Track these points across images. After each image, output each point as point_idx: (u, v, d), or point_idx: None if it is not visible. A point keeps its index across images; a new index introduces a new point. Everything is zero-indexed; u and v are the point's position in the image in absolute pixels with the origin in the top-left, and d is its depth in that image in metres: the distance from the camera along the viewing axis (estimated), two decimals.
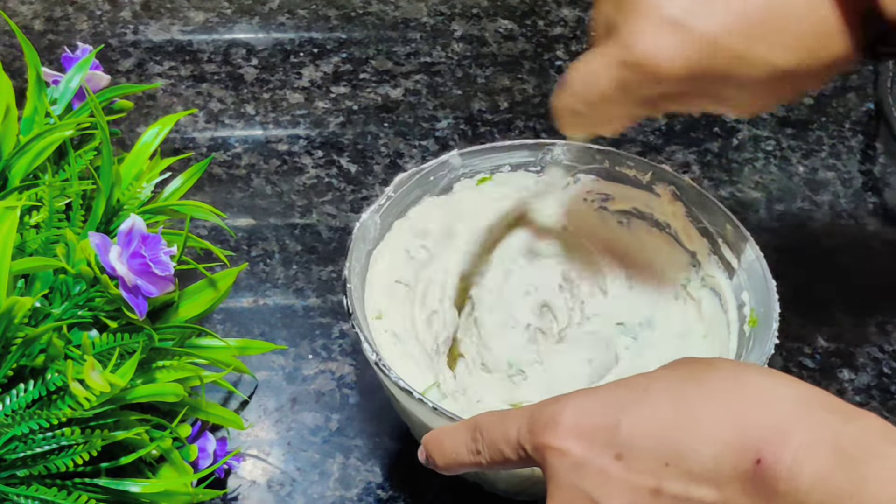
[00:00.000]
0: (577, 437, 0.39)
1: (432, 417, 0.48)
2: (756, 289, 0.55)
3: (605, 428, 0.39)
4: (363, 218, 0.56)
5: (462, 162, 0.60)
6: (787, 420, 0.35)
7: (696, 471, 0.36)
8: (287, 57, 0.82)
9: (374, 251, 0.57)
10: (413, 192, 0.59)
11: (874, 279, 0.69)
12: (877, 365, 0.64)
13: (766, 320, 0.53)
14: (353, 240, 0.54)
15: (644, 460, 0.37)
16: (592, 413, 0.39)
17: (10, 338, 0.45)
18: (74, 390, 0.44)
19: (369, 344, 0.50)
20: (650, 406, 0.38)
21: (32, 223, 0.51)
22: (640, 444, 0.38)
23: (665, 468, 0.37)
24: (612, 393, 0.40)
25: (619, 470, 0.38)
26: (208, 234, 0.68)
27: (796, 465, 0.34)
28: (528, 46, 0.84)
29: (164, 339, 0.51)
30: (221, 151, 0.74)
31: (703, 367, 0.39)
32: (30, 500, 0.46)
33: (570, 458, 0.39)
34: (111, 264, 0.46)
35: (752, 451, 0.35)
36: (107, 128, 0.53)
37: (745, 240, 0.56)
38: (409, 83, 0.80)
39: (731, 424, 0.36)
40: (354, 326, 0.51)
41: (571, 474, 0.39)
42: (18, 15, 0.83)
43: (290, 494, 0.56)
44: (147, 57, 0.81)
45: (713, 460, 0.36)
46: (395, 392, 0.50)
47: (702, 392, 0.38)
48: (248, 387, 0.61)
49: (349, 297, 0.52)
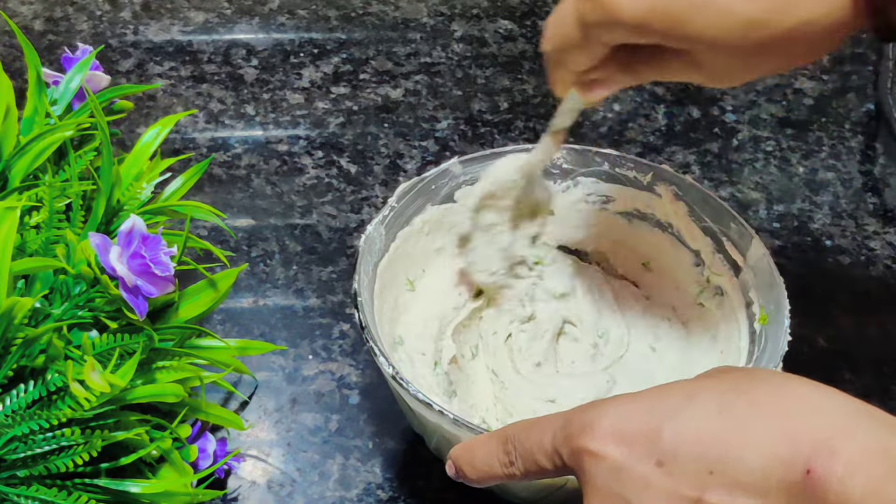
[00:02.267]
0: (618, 441, 0.38)
1: (453, 429, 0.48)
2: (764, 286, 0.55)
3: (647, 433, 0.38)
4: (368, 230, 0.56)
5: (462, 169, 0.60)
6: (836, 431, 0.35)
7: (742, 480, 0.36)
8: (287, 57, 0.82)
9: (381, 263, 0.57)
10: (416, 201, 0.58)
11: (874, 279, 0.69)
12: (877, 365, 0.64)
13: (776, 317, 0.53)
14: (360, 253, 0.54)
15: (687, 468, 0.37)
16: (633, 418, 0.38)
17: (10, 338, 0.45)
18: (74, 391, 0.44)
19: (384, 358, 0.50)
20: (695, 414, 0.37)
21: (32, 224, 0.51)
22: (684, 451, 0.37)
23: (709, 476, 0.36)
24: (653, 399, 0.39)
25: (659, 477, 0.37)
26: (208, 234, 0.68)
27: (847, 476, 0.34)
28: (527, 47, 0.84)
29: (165, 340, 0.51)
30: (221, 152, 0.74)
31: (746, 377, 0.39)
32: (30, 500, 0.46)
33: (609, 463, 0.38)
34: (111, 265, 0.46)
35: (802, 462, 0.34)
36: (107, 128, 0.53)
37: (750, 237, 0.56)
38: (409, 84, 0.80)
39: (779, 434, 0.35)
40: (368, 340, 0.51)
41: (610, 479, 0.38)
42: (18, 15, 0.83)
43: (290, 495, 0.56)
44: (147, 57, 0.81)
45: (761, 470, 0.35)
46: (413, 405, 0.50)
47: (748, 401, 0.37)
48: (248, 387, 0.61)
49: (361, 311, 0.52)
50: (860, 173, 0.76)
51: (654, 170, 0.60)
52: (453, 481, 0.56)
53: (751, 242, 0.56)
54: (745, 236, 0.56)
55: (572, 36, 0.47)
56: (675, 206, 0.59)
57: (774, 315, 0.53)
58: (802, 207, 0.73)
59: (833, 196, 0.74)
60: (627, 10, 0.44)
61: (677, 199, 0.59)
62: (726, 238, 0.58)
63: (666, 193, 0.60)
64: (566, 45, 0.48)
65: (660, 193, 0.60)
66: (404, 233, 0.58)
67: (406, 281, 0.60)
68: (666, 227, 0.61)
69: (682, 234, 0.60)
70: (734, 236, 0.57)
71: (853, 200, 0.74)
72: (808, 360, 0.63)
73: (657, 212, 0.60)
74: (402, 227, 0.58)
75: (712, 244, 0.58)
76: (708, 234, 0.59)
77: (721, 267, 0.58)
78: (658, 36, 0.45)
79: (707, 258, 0.59)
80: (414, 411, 0.51)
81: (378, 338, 0.51)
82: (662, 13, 0.43)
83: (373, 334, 0.51)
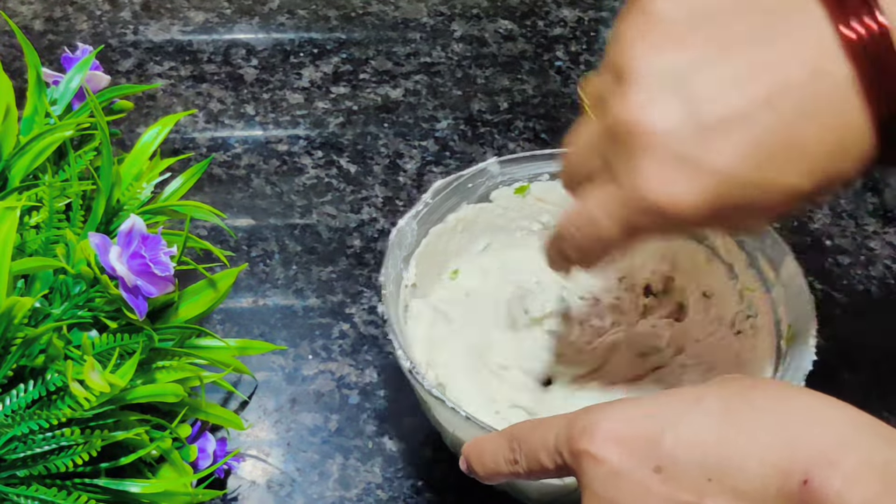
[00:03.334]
0: (617, 445, 0.38)
1: (465, 426, 0.48)
2: (794, 304, 0.54)
3: (647, 438, 0.37)
4: (400, 224, 0.56)
5: (500, 170, 0.59)
6: (836, 442, 0.35)
7: (740, 488, 0.35)
8: (287, 57, 0.82)
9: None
10: (451, 198, 0.58)
11: (873, 279, 0.69)
12: (876, 365, 0.64)
13: (803, 336, 0.52)
14: (389, 246, 0.54)
15: (686, 475, 0.36)
16: (634, 422, 0.38)
17: (10, 338, 0.45)
18: (74, 390, 0.44)
19: (403, 351, 0.50)
20: (696, 421, 0.37)
21: (32, 223, 0.51)
22: (683, 457, 0.36)
23: (708, 484, 0.36)
24: (657, 404, 0.39)
25: (657, 483, 0.37)
26: (208, 234, 0.68)
27: (845, 488, 0.33)
28: (527, 47, 0.84)
29: (164, 340, 0.51)
30: (221, 152, 0.74)
31: (750, 386, 0.38)
32: (30, 500, 0.46)
33: (608, 467, 0.38)
34: (111, 265, 0.46)
35: (800, 472, 0.34)
36: (107, 128, 0.53)
37: (784, 254, 0.55)
38: (409, 83, 0.80)
39: (779, 444, 0.35)
40: (388, 333, 0.51)
41: (607, 484, 0.38)
42: (18, 15, 0.83)
43: (290, 495, 0.56)
44: (147, 57, 0.81)
45: (759, 478, 0.35)
46: (428, 400, 0.50)
47: (751, 410, 0.37)
48: (248, 387, 0.61)
49: (385, 304, 0.52)
50: None
51: None
52: (453, 482, 0.56)
53: (785, 259, 0.55)
54: (781, 252, 0.55)
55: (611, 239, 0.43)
56: None
57: (802, 334, 0.52)
58: (802, 207, 0.73)
59: (833, 196, 0.74)
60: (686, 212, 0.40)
61: None
62: (760, 253, 0.56)
63: None
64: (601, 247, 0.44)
65: None
66: (437, 229, 0.58)
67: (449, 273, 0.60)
68: (702, 240, 0.59)
69: (718, 247, 0.59)
70: (769, 251, 0.56)
71: (853, 200, 0.74)
72: None
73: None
74: (435, 223, 0.58)
75: (746, 258, 0.57)
76: (742, 249, 0.58)
77: (754, 282, 0.57)
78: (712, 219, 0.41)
79: (741, 271, 0.58)
80: (429, 406, 0.51)
81: (399, 332, 0.52)
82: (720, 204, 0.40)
83: (394, 328, 0.51)
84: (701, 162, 0.39)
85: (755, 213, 0.41)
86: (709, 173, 0.39)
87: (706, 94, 0.39)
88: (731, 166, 0.39)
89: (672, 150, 0.39)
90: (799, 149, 0.39)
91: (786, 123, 0.39)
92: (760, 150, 0.39)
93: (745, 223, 0.44)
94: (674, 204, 0.40)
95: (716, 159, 0.39)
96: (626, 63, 0.41)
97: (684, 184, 0.40)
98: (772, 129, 0.39)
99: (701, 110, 0.39)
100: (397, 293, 0.55)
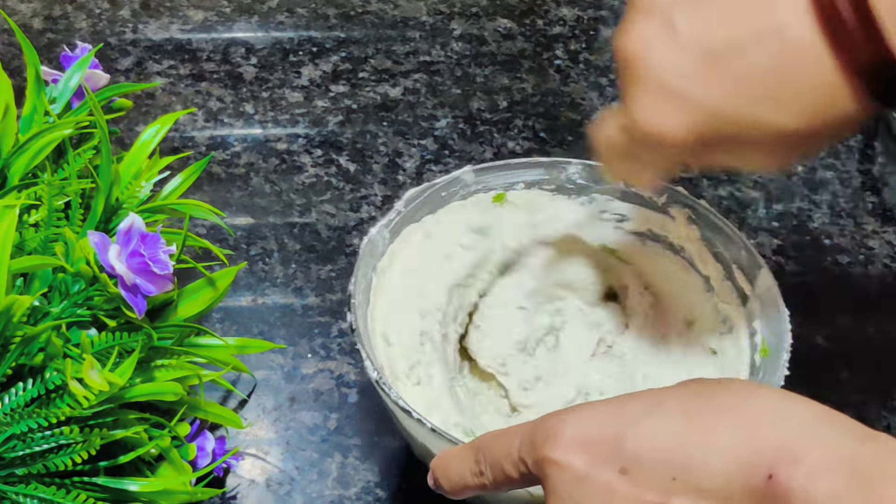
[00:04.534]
0: (580, 449, 0.38)
1: (431, 438, 0.48)
2: (769, 317, 0.54)
3: (610, 440, 0.37)
4: (371, 233, 0.55)
5: (475, 178, 0.59)
6: (800, 438, 0.34)
7: (705, 486, 0.35)
8: (286, 56, 0.82)
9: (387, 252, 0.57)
10: (424, 207, 0.57)
11: (872, 278, 0.69)
12: (875, 364, 0.64)
13: (776, 351, 0.52)
14: (360, 255, 0.54)
15: (651, 474, 0.36)
16: (597, 424, 0.38)
17: (9, 336, 0.45)
18: (73, 389, 0.44)
19: (370, 361, 0.50)
20: (659, 420, 0.37)
21: (31, 222, 0.51)
22: (647, 457, 0.36)
23: (672, 483, 0.36)
24: (618, 405, 0.39)
25: (623, 484, 0.36)
26: (207, 232, 0.68)
27: (810, 483, 0.33)
28: (527, 45, 0.84)
29: (163, 338, 0.51)
30: (220, 150, 0.74)
31: (715, 385, 0.38)
32: (29, 498, 0.46)
33: (572, 472, 0.37)
34: (110, 263, 0.46)
35: (764, 468, 0.34)
36: (106, 127, 0.53)
37: (759, 266, 0.55)
38: (409, 82, 0.80)
39: (743, 440, 0.35)
40: (357, 343, 0.50)
41: (573, 489, 0.37)
42: (17, 13, 0.83)
43: (289, 493, 0.56)
44: (146, 56, 0.81)
45: (723, 475, 0.35)
46: (395, 411, 0.49)
47: (714, 407, 0.37)
48: (247, 386, 0.61)
49: (353, 314, 0.51)
50: (859, 172, 0.76)
51: (669, 191, 0.58)
52: None
53: (759, 272, 0.55)
54: (755, 265, 0.55)
55: (623, 153, 0.47)
56: (689, 230, 0.58)
57: (775, 348, 0.52)
58: (801, 206, 0.73)
59: (832, 195, 0.74)
60: (673, 140, 0.43)
61: (691, 223, 0.58)
62: (736, 265, 0.57)
63: (680, 216, 0.59)
64: (618, 158, 0.48)
65: (673, 216, 0.59)
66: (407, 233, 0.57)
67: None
68: (678, 251, 0.59)
69: (694, 259, 0.59)
70: (744, 264, 0.56)
71: (852, 199, 0.74)
72: (806, 360, 0.63)
73: (671, 234, 0.59)
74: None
75: (723, 271, 0.57)
76: (719, 261, 0.58)
77: (729, 295, 0.57)
78: (709, 147, 0.44)
79: (716, 284, 0.58)
80: (397, 418, 0.50)
81: (368, 341, 0.51)
82: (709, 135, 0.43)
83: (362, 338, 0.51)
84: (692, 97, 0.42)
85: (745, 148, 0.43)
86: (695, 106, 0.42)
87: (696, 30, 0.41)
88: (718, 101, 0.41)
89: (667, 84, 0.42)
90: (786, 88, 0.41)
91: (772, 61, 0.40)
92: (746, 86, 0.41)
93: (739, 157, 0.45)
94: (661, 131, 0.43)
95: (705, 94, 0.41)
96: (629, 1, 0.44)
97: (673, 115, 0.42)
98: (758, 65, 0.40)
99: (691, 45, 0.41)
100: (366, 303, 0.54)
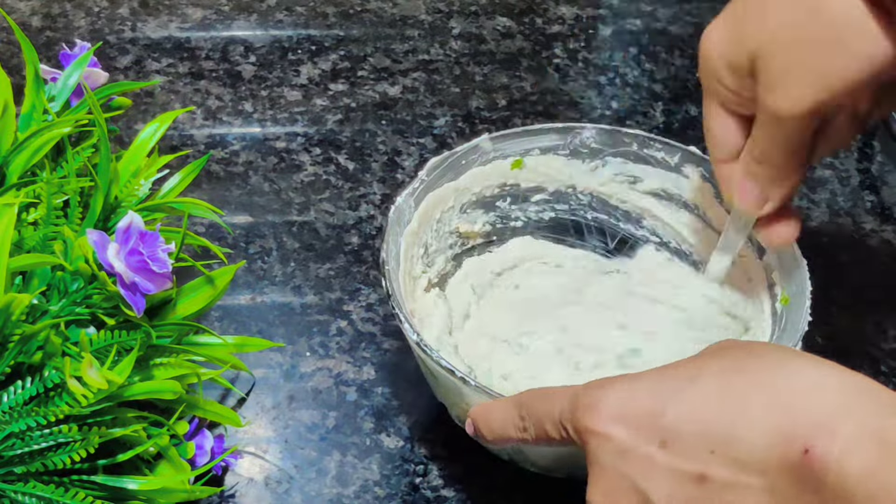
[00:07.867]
0: (621, 422, 0.39)
1: (475, 396, 0.49)
2: (787, 268, 0.55)
3: (651, 414, 0.39)
4: (398, 201, 0.57)
5: (493, 146, 0.61)
6: (834, 410, 0.35)
7: (742, 458, 0.36)
8: (285, 54, 0.82)
9: None
10: (446, 175, 0.59)
11: (871, 277, 0.69)
12: (874, 363, 0.64)
13: (798, 299, 0.54)
14: (389, 223, 0.56)
15: (690, 447, 0.38)
16: (637, 399, 0.40)
17: (7, 335, 0.45)
18: (72, 387, 0.44)
19: (409, 325, 0.51)
20: (697, 394, 0.38)
21: (30, 220, 0.51)
22: (686, 430, 0.38)
23: (711, 455, 0.37)
24: (657, 379, 0.40)
25: (663, 457, 0.38)
26: (206, 231, 0.68)
27: (844, 457, 0.34)
28: (526, 44, 0.84)
29: (162, 337, 0.51)
30: (219, 149, 0.74)
31: (748, 355, 0.39)
32: (27, 496, 0.46)
33: (614, 444, 0.39)
34: (109, 261, 0.46)
35: (800, 441, 0.35)
36: (105, 125, 0.53)
37: None
38: (408, 81, 0.80)
39: (779, 413, 0.36)
40: (393, 307, 0.52)
41: (615, 460, 0.39)
42: (16, 12, 0.83)
43: (288, 492, 0.56)
44: (145, 54, 0.81)
45: (761, 448, 0.36)
46: (437, 372, 0.51)
47: (749, 380, 0.38)
48: (246, 384, 0.61)
49: (388, 280, 0.53)
50: (858, 171, 0.76)
51: (682, 152, 0.60)
52: (450, 479, 0.56)
53: None
54: None
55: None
56: (703, 188, 0.60)
57: (797, 297, 0.54)
58: (800, 205, 0.73)
59: (831, 194, 0.74)
60: (786, 112, 0.46)
61: (705, 181, 0.60)
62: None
63: (694, 175, 0.60)
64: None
65: (687, 175, 0.60)
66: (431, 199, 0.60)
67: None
68: (693, 209, 0.61)
69: (709, 216, 0.60)
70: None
71: (851, 198, 0.74)
72: None
73: (685, 193, 0.61)
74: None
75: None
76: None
77: (746, 249, 0.58)
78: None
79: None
80: (437, 378, 0.52)
81: (403, 306, 0.53)
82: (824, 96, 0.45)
83: (399, 302, 0.52)
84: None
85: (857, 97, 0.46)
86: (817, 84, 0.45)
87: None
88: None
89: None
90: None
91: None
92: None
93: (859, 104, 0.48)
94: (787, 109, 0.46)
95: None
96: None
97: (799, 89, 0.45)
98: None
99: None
100: (398, 269, 0.55)
